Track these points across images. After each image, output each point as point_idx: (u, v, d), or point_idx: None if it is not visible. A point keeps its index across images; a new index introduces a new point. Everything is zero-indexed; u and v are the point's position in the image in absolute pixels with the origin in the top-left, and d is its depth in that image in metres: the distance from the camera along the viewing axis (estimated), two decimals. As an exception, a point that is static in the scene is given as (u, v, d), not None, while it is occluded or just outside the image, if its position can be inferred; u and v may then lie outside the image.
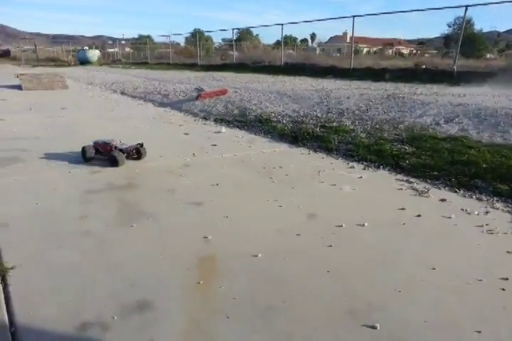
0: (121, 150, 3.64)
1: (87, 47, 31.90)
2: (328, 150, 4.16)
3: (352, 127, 4.87)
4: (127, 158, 3.68)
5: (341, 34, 40.69)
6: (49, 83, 10.52)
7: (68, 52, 37.60)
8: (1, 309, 1.61)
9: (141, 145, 3.77)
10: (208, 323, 1.55)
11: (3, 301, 1.66)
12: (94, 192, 2.93)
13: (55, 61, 32.35)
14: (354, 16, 12.01)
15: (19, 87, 10.23)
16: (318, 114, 5.51)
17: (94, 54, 29.82)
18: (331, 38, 44.61)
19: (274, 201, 2.80)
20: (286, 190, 3.03)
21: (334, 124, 5.01)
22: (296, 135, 4.66)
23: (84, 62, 27.70)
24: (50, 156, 3.84)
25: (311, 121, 5.24)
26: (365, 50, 30.11)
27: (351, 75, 10.98)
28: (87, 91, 10.14)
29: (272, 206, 2.72)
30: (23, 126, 5.30)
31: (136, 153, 3.77)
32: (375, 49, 31.96)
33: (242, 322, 1.55)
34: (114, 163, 3.53)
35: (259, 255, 2.05)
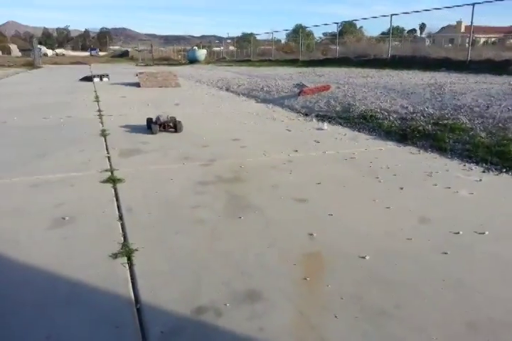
0: (158, 123, 4.90)
1: (196, 47, 33.88)
2: (442, 150, 3.87)
3: (470, 125, 4.46)
4: (164, 129, 4.93)
5: (455, 23, 37.43)
6: (163, 81, 11.40)
7: (179, 51, 40.37)
8: (128, 286, 1.79)
9: (175, 119, 5.02)
10: (316, 319, 1.55)
11: (129, 279, 1.85)
12: (205, 183, 3.11)
13: (167, 60, 34.99)
14: (474, 4, 10.95)
15: (137, 85, 11.24)
16: (430, 111, 5.14)
17: (202, 53, 31.57)
18: (442, 28, 41.35)
19: (381, 202, 2.69)
20: (395, 191, 2.89)
21: (449, 122, 4.63)
22: (404, 133, 4.42)
23: (193, 60, 29.48)
24: (165, 148, 4.16)
25: (422, 118, 4.92)
26: (483, 40, 27.31)
27: (468, 68, 10.05)
28: (196, 89, 10.78)
29: (379, 207, 2.62)
30: (142, 120, 5.82)
31: (173, 126, 4.94)
32: (493, 39, 28.79)
33: (351, 324, 1.52)
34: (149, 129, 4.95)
35: (367, 257, 1.99)
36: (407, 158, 3.76)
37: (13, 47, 63.11)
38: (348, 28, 31.62)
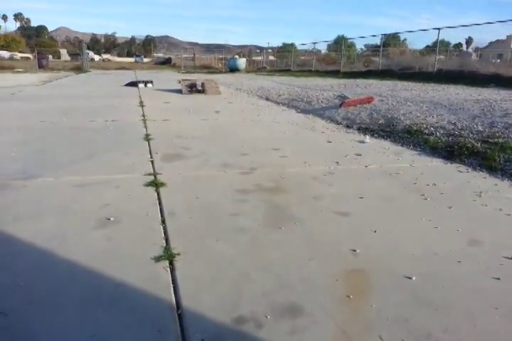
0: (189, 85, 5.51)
1: (237, 56, 34.40)
2: (492, 169, 3.70)
3: (523, 144, 4.25)
4: (192, 90, 5.69)
5: (504, 38, 36.14)
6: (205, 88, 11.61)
7: (219, 60, 41.10)
8: (169, 290, 1.80)
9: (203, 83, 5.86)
10: (359, 340, 1.50)
11: (171, 283, 1.86)
12: (245, 191, 3.11)
13: (208, 68, 35.63)
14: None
15: (180, 91, 11.50)
16: (480, 128, 4.95)
17: (242, 62, 31.96)
18: (490, 42, 40.01)
19: (427, 221, 2.59)
20: (442, 210, 2.78)
21: (500, 140, 4.43)
22: (452, 150, 4.26)
23: (233, 69, 29.89)
24: (206, 155, 4.21)
25: (471, 135, 4.74)
26: (536, 55, 26.16)
27: (519, 85, 9.64)
28: (236, 97, 10.90)
29: (426, 226, 2.52)
30: (184, 126, 5.94)
31: (202, 87, 5.70)
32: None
33: (397, 347, 1.46)
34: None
35: (414, 277, 1.91)
36: (455, 176, 3.62)
37: (63, 52, 66.40)
38: (391, 40, 31.16)
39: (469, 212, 2.76)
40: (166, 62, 54.58)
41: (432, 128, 5.19)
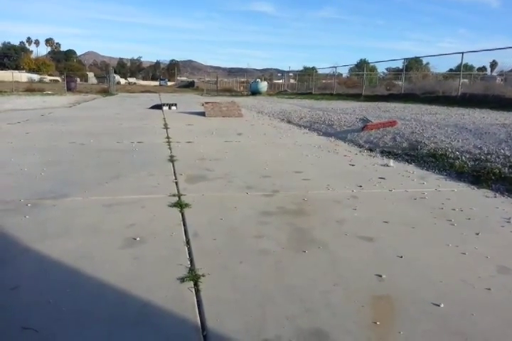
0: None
1: (258, 80, 35.11)
2: (520, 195, 3.62)
3: (551, 170, 4.15)
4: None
5: (530, 62, 35.69)
6: (227, 111, 11.85)
7: (241, 83, 41.97)
8: (194, 312, 1.81)
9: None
10: (387, 369, 1.46)
11: (196, 305, 1.87)
12: (268, 214, 3.12)
13: (230, 91, 36.41)
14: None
15: (203, 114, 11.76)
16: (507, 153, 4.86)
17: (263, 85, 32.58)
18: (515, 66, 39.57)
19: (455, 247, 2.54)
20: (470, 236, 2.72)
21: (528, 165, 4.34)
22: (478, 174, 4.19)
23: (255, 92, 30.46)
24: (229, 177, 4.26)
25: (498, 159, 4.65)
26: None
27: (547, 109, 9.45)
28: (258, 119, 11.06)
29: (453, 252, 2.47)
30: (207, 148, 6.04)
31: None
32: None
33: (427, 378, 1.41)
34: None
35: (442, 305, 1.87)
36: (482, 201, 3.55)
37: (90, 75, 69.18)
38: (413, 64, 31.24)
39: (498, 239, 2.69)
40: (189, 86, 56.08)
41: (457, 153, 5.13)
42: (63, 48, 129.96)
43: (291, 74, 46.41)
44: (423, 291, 2.00)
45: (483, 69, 44.46)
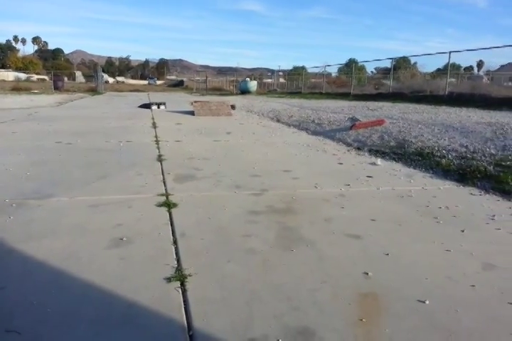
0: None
1: (248, 79, 34.96)
2: (505, 193, 3.67)
3: (536, 168, 4.22)
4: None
5: (516, 61, 36.33)
6: (216, 110, 11.81)
7: (231, 82, 41.87)
8: (181, 312, 1.80)
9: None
10: (373, 366, 1.47)
11: (182, 305, 1.86)
12: (257, 213, 3.12)
13: (219, 90, 36.30)
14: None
15: (192, 113, 11.71)
16: (492, 151, 4.93)
17: (253, 84, 32.49)
18: (502, 65, 40.20)
19: (440, 244, 2.57)
20: (455, 234, 2.75)
21: (512, 163, 4.41)
22: (464, 172, 4.25)
23: (244, 91, 30.37)
24: (218, 176, 4.25)
25: (483, 158, 4.72)
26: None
27: (533, 108, 9.59)
28: (247, 118, 11.05)
29: (439, 249, 2.50)
30: (196, 147, 6.02)
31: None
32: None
33: (412, 374, 1.43)
34: None
35: (427, 301, 1.89)
36: (468, 199, 3.60)
37: (78, 74, 68.37)
38: (401, 64, 31.50)
39: (482, 236, 2.73)
40: (179, 85, 55.80)
41: (443, 151, 5.19)
42: (51, 47, 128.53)
43: (280, 73, 46.49)
44: (409, 288, 2.02)
45: (470, 68, 45.07)
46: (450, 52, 14.23)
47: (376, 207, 3.31)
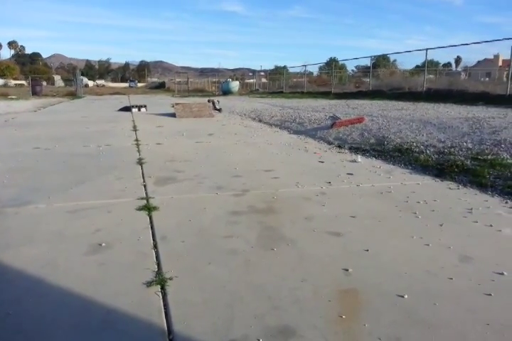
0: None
1: (229, 79, 34.97)
2: (482, 186, 3.74)
3: (511, 161, 4.32)
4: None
5: (492, 57, 37.17)
6: (198, 112, 11.76)
7: (213, 83, 41.75)
8: (161, 316, 1.79)
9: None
10: (352, 362, 1.49)
11: (162, 309, 1.84)
12: (238, 213, 3.12)
13: (202, 91, 36.13)
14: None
15: (173, 115, 11.63)
16: (469, 145, 5.03)
17: (235, 85, 32.47)
18: (478, 61, 41.10)
19: (419, 238, 2.61)
20: (433, 228, 2.80)
21: (489, 157, 4.51)
22: (442, 167, 4.32)
23: (226, 92, 30.33)
24: (199, 178, 4.23)
25: (460, 152, 4.81)
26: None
27: (507, 102, 9.83)
28: (229, 119, 11.03)
29: (418, 244, 2.53)
30: (177, 150, 5.98)
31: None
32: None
33: (390, 368, 1.45)
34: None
35: (406, 296, 1.91)
36: (446, 193, 3.66)
37: (57, 78, 67.35)
38: (381, 62, 31.88)
39: (460, 229, 2.78)
40: (160, 87, 55.35)
41: (422, 147, 5.27)
42: (28, 51, 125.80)
43: (262, 73, 46.53)
44: (388, 283, 2.04)
45: (448, 65, 45.91)
46: (427, 50, 14.50)
47: (356, 204, 3.34)
